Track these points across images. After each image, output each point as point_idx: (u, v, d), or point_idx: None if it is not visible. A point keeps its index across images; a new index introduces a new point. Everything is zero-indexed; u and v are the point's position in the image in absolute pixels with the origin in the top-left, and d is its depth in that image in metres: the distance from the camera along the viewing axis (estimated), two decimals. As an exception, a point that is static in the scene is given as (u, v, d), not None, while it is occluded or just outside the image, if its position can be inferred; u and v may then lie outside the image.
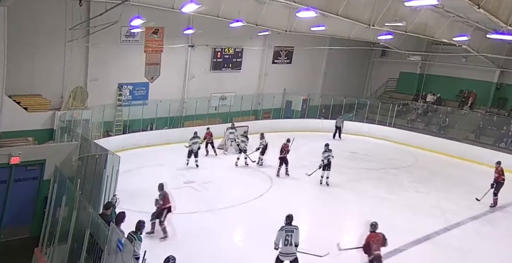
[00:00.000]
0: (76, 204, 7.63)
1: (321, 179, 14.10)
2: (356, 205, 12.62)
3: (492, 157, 17.73)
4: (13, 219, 10.19)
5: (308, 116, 23.65)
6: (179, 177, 14.26)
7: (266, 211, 11.67)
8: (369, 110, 23.72)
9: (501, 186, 13.13)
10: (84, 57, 17.47)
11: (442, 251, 9.96)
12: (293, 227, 7.60)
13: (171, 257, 6.18)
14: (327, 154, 14.08)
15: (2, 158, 9.85)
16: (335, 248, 8.42)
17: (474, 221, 11.99)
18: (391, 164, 17.51)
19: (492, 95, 22.76)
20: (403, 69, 26.36)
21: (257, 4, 17.48)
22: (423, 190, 14.39)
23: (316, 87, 26.19)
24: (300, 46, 23.76)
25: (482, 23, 16.13)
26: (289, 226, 7.60)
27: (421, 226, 11.11)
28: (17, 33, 14.21)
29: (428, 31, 16.83)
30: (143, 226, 7.28)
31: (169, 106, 19.63)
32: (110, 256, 5.93)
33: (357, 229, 11.29)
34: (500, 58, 21.15)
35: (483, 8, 10.11)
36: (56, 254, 8.15)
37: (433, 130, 22.06)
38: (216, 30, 19.52)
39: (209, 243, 9.70)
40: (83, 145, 10.95)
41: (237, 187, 13.72)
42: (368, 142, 21.33)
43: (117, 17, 13.58)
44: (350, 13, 14.78)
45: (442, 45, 22.72)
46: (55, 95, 16.86)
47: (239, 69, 23.01)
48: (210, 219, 10.98)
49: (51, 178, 10.00)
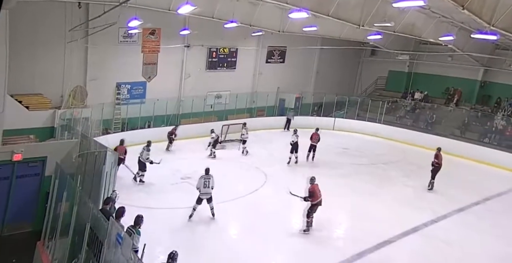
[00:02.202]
0: (76, 199, 7.81)
1: (289, 160, 16.10)
2: (347, 199, 12.84)
3: (477, 152, 18.45)
4: (16, 214, 10.45)
5: (301, 114, 23.78)
6: (176, 173, 14.40)
7: (260, 205, 11.96)
8: (359, 107, 23.88)
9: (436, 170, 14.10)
10: (83, 57, 17.63)
11: (429, 242, 10.26)
12: (209, 175, 10.76)
13: (175, 252, 6.41)
14: (294, 137, 16.06)
15: (5, 155, 10.10)
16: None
17: (460, 213, 12.32)
18: (381, 159, 17.82)
19: (476, 92, 23.16)
20: (392, 67, 26.64)
21: (251, 5, 17.66)
22: (411, 184, 14.71)
23: (308, 86, 26.40)
24: (293, 46, 23.96)
25: (467, 23, 16.34)
26: (206, 175, 10.74)
27: (409, 219, 11.39)
28: (18, 34, 14.32)
29: (415, 31, 17.04)
30: (141, 220, 7.27)
31: (166, 104, 19.80)
32: (110, 249, 6.04)
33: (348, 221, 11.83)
34: (484, 57, 21.58)
35: (467, 9, 10.22)
36: (57, 247, 8.35)
37: (421, 126, 22.38)
38: (211, 30, 19.73)
39: (206, 237, 9.94)
40: (83, 142, 11.14)
41: (232, 182, 13.76)
42: (359, 138, 21.61)
43: (115, 19, 13.89)
44: (340, 14, 14.95)
45: (429, 45, 23.00)
46: (56, 94, 17.01)
47: (233, 68, 23.21)
48: (207, 213, 11.13)
49: (52, 174, 10.24)
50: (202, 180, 10.70)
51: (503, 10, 11.07)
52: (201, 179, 10.71)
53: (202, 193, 10.71)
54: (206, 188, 10.68)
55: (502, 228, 11.41)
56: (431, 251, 9.85)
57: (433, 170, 14.16)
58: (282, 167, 15.84)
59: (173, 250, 6.55)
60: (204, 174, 10.81)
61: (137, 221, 7.24)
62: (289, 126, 22.00)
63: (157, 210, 11.15)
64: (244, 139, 17.47)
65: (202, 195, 10.72)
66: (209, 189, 10.71)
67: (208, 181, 10.71)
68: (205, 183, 10.68)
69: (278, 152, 17.28)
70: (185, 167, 15.04)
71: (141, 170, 13.42)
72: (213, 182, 10.77)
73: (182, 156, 16.57)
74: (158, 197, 12.29)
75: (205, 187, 10.67)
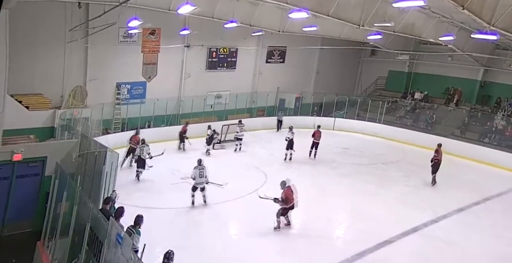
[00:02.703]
0: (76, 199, 7.80)
1: (285, 156, 16.49)
2: (347, 199, 12.85)
3: (477, 152, 18.43)
4: (16, 214, 10.42)
5: (301, 114, 23.85)
6: (176, 173, 14.39)
7: (260, 205, 11.65)
8: (359, 107, 23.91)
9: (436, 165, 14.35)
10: (83, 57, 17.65)
11: (429, 242, 10.25)
12: (203, 166, 11.50)
13: (170, 252, 6.38)
14: (289, 134, 16.49)
15: (5, 155, 10.06)
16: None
17: (460, 213, 12.30)
18: (381, 159, 17.82)
19: (476, 92, 23.18)
20: (392, 67, 26.68)
21: (251, 5, 17.67)
22: (411, 184, 14.69)
23: (308, 86, 26.44)
24: (293, 46, 23.98)
25: (467, 23, 16.36)
26: (200, 166, 11.45)
27: (409, 219, 11.37)
28: (18, 34, 14.33)
29: (415, 31, 17.05)
30: (141, 220, 7.26)
31: (166, 104, 19.83)
32: (110, 249, 6.04)
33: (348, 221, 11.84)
34: (484, 57, 21.58)
35: (467, 9, 10.25)
36: (57, 247, 8.33)
37: (421, 126, 22.40)
38: (211, 30, 19.76)
39: (206, 236, 9.89)
40: (83, 142, 11.10)
41: (232, 182, 13.51)
42: (359, 138, 21.62)
43: (115, 19, 13.85)
44: (340, 14, 14.97)
45: (429, 45, 23.02)
46: (56, 94, 17.03)
47: (233, 68, 23.24)
48: (207, 213, 11.21)
49: (52, 174, 10.24)
50: (197, 170, 11.37)
51: (503, 10, 11.08)
52: (196, 170, 11.38)
53: (197, 183, 11.42)
54: (201, 178, 11.39)
55: (502, 228, 11.40)
56: (431, 251, 9.84)
57: (433, 165, 14.35)
58: (282, 167, 15.83)
59: (169, 250, 6.51)
60: (197, 165, 11.49)
61: (137, 221, 7.24)
62: (280, 127, 21.96)
63: (157, 210, 11.14)
64: (239, 137, 17.77)
65: (197, 184, 11.43)
66: (204, 179, 11.44)
67: (203, 171, 11.41)
68: (200, 173, 11.37)
69: (278, 152, 17.26)
70: (185, 167, 14.74)
71: (141, 167, 13.66)
72: (207, 171, 11.53)
73: (182, 156, 16.55)
74: (158, 197, 12.27)
75: (200, 177, 11.37)
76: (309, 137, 17.00)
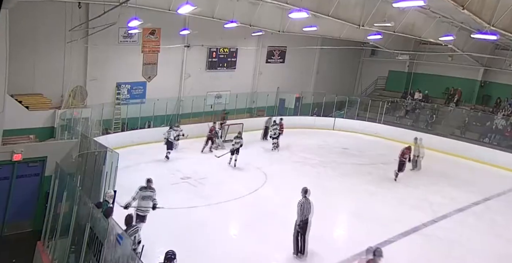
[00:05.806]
0: (76, 199, 7.79)
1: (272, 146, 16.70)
2: (348, 199, 12.88)
3: (477, 152, 18.44)
4: (16, 214, 10.38)
5: (301, 114, 23.87)
6: (176, 173, 14.41)
7: (260, 206, 11.93)
8: (359, 107, 23.92)
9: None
10: (83, 57, 17.63)
11: (429, 242, 10.25)
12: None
13: (170, 252, 6.28)
14: (275, 127, 16.70)
15: (5, 155, 10.02)
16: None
17: (459, 213, 12.30)
18: (381, 159, 17.73)
19: (476, 92, 23.17)
20: (392, 67, 26.67)
21: (251, 5, 17.66)
22: (411, 183, 14.66)
23: (308, 86, 26.41)
24: (293, 46, 23.97)
25: (467, 23, 16.36)
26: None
27: (409, 218, 11.38)
28: (18, 34, 14.29)
29: (415, 31, 17.08)
30: (131, 218, 7.23)
31: (166, 104, 19.82)
32: (110, 249, 6.05)
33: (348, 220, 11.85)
34: (484, 57, 21.60)
35: (467, 9, 10.29)
36: (57, 247, 8.32)
37: (421, 126, 22.37)
38: (211, 30, 19.72)
39: (206, 236, 9.87)
40: (83, 142, 11.06)
41: (232, 182, 13.83)
42: (359, 138, 21.63)
43: (115, 19, 13.79)
44: (340, 14, 15.01)
45: (429, 45, 23.02)
46: (56, 94, 17.01)
47: (233, 68, 23.21)
48: (207, 213, 11.17)
49: (52, 174, 10.19)
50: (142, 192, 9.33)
51: (503, 10, 11.11)
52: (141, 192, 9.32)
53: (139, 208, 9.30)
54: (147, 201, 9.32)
55: (502, 228, 11.41)
56: (431, 251, 9.85)
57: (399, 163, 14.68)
58: (282, 167, 15.83)
59: (170, 250, 6.41)
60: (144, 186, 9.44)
61: (129, 221, 7.25)
62: (267, 135, 19.68)
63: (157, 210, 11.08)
64: (236, 148, 15.58)
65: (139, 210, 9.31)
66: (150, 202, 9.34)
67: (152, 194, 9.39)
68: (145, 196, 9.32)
69: (278, 152, 17.28)
70: (185, 167, 15.05)
71: (169, 149, 15.96)
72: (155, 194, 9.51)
73: (182, 156, 16.55)
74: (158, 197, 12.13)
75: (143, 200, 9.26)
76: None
